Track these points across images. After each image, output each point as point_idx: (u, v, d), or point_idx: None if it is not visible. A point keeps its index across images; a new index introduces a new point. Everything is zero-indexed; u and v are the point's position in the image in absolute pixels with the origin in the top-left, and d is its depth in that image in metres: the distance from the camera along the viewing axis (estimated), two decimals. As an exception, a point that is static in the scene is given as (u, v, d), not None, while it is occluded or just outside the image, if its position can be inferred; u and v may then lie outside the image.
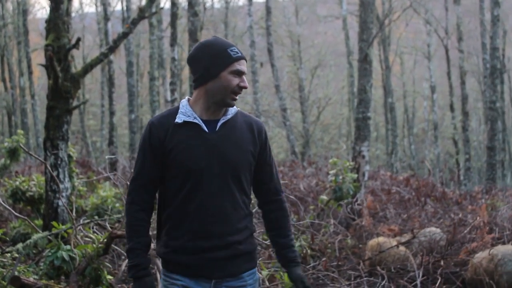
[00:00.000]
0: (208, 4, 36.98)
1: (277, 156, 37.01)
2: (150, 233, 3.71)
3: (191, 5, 14.49)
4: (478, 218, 10.13)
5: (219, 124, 3.60)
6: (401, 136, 43.81)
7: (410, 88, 45.54)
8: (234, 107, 3.70)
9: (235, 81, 3.55)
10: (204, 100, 3.59)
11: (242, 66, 3.58)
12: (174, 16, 16.33)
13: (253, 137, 3.71)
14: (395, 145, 33.34)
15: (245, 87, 3.59)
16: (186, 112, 3.58)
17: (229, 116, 3.64)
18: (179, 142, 3.52)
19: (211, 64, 3.54)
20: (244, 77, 3.60)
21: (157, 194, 3.73)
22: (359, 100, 11.54)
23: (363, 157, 11.23)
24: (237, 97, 3.60)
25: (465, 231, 9.36)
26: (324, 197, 10.89)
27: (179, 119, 3.56)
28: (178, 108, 3.65)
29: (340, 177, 10.50)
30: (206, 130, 3.56)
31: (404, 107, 43.15)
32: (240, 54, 3.58)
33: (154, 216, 3.77)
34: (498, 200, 13.64)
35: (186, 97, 3.71)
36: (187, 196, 3.54)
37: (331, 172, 10.79)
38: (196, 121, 3.55)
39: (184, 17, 27.60)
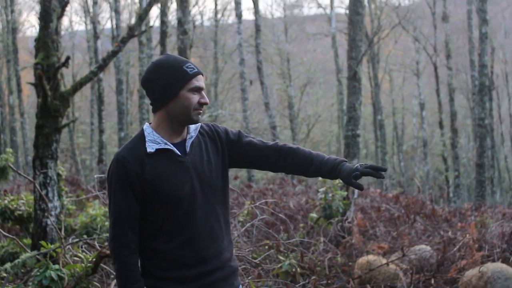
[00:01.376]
0: (197, 22, 37.06)
1: (267, 174, 36.98)
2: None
3: (180, 23, 14.53)
4: (467, 235, 10.14)
5: (187, 145, 3.52)
6: (391, 153, 43.89)
7: (399, 105, 45.71)
8: (195, 124, 3.60)
9: (195, 98, 3.44)
10: (168, 122, 3.48)
11: (200, 81, 3.47)
12: (163, 34, 16.37)
13: (216, 145, 3.65)
14: (384, 162, 33.40)
15: (206, 103, 3.48)
16: (154, 140, 3.45)
17: (193, 134, 3.56)
18: (159, 172, 3.40)
19: (169, 84, 3.43)
20: (203, 93, 3.49)
21: None
22: (349, 118, 11.55)
23: (353, 174, 11.22)
24: (200, 113, 3.50)
25: (455, 249, 9.36)
26: (313, 215, 10.89)
27: (150, 148, 3.42)
28: (141, 135, 3.51)
29: (330, 194, 10.49)
30: (179, 154, 3.47)
31: (393, 124, 43.28)
32: (196, 70, 3.47)
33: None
34: (488, 217, 13.65)
35: (146, 123, 3.57)
36: (177, 226, 3.44)
37: (321, 189, 10.78)
38: (168, 147, 3.45)
39: (174, 35, 27.63)
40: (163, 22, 16.40)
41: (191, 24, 27.21)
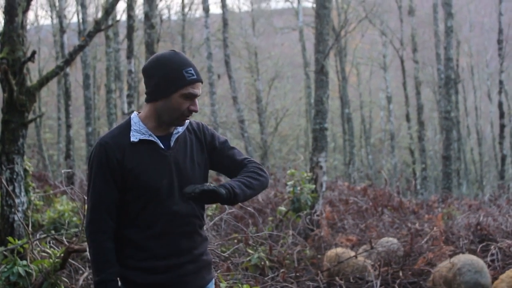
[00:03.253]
0: (165, 16, 36.87)
1: (236, 168, 36.93)
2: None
3: (147, 17, 14.46)
4: (434, 227, 10.23)
5: (172, 139, 3.53)
6: (359, 146, 44.06)
7: (367, 99, 45.90)
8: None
9: (185, 104, 3.43)
10: (155, 116, 3.49)
11: (196, 89, 3.45)
12: (130, 28, 16.28)
13: (200, 143, 3.67)
14: (352, 155, 33.52)
15: (195, 111, 3.47)
16: (140, 130, 3.46)
17: (180, 130, 3.58)
18: (139, 162, 3.41)
19: (163, 83, 3.42)
20: (196, 100, 3.46)
21: None
22: (316, 111, 11.58)
23: (321, 167, 11.27)
24: (187, 119, 3.52)
25: (422, 241, 9.44)
26: (282, 208, 10.91)
27: (134, 137, 3.44)
28: (127, 124, 3.51)
29: (298, 188, 10.52)
30: (163, 147, 3.48)
31: (361, 117, 43.44)
32: (195, 77, 3.44)
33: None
34: (454, 209, 13.80)
35: (135, 112, 3.58)
36: (152, 217, 3.44)
37: (289, 183, 10.80)
38: (152, 139, 3.46)
39: (141, 29, 27.46)
40: (130, 16, 16.28)
41: (158, 18, 27.05)
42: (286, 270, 8.35)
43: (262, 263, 7.97)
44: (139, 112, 3.58)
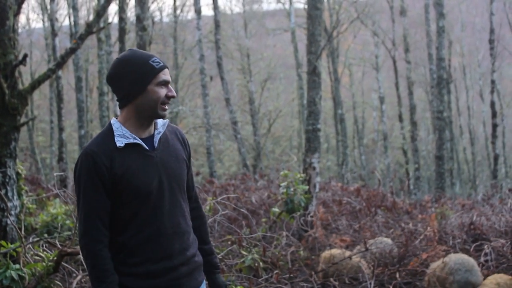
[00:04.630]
0: (156, 19, 36.86)
1: (229, 169, 36.99)
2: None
3: (139, 19, 14.43)
4: (428, 227, 10.25)
5: (155, 140, 3.53)
6: (352, 147, 44.13)
7: (359, 99, 45.99)
8: (163, 120, 3.63)
9: (163, 91, 3.43)
10: (135, 117, 3.47)
11: (167, 75, 3.47)
12: (122, 31, 16.24)
13: (182, 146, 3.69)
14: (345, 156, 33.56)
15: (174, 96, 3.49)
16: (123, 134, 3.43)
17: (161, 130, 3.57)
18: (128, 166, 3.38)
19: (136, 79, 3.41)
20: (170, 86, 3.50)
21: None
22: (309, 112, 11.58)
23: (314, 168, 11.26)
24: (167, 107, 3.50)
25: (416, 242, 9.45)
26: (276, 209, 10.90)
27: (119, 142, 3.40)
28: (109, 130, 3.48)
29: (292, 189, 10.51)
30: (148, 149, 3.47)
31: (353, 118, 43.50)
32: (162, 64, 3.46)
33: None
34: (448, 209, 13.82)
35: (113, 118, 3.55)
36: (144, 221, 3.43)
37: (282, 184, 10.79)
38: (137, 141, 3.44)
39: (133, 32, 27.45)
40: (122, 19, 16.24)
41: (150, 20, 27.05)
42: (280, 271, 8.34)
43: (256, 264, 7.96)
44: (117, 118, 3.55)
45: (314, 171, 11.25)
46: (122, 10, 16.46)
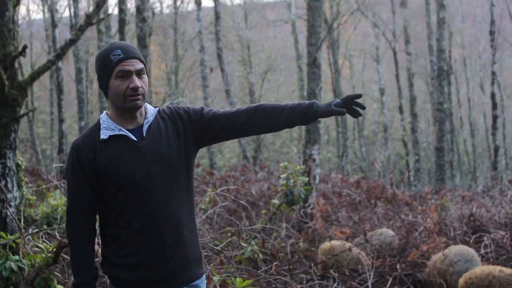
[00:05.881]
0: (157, 10, 36.80)
1: (229, 161, 36.98)
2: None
3: (139, 11, 14.40)
4: (428, 219, 10.25)
5: (144, 130, 3.49)
6: (352, 138, 44.12)
7: (360, 91, 45.91)
8: (153, 108, 3.60)
9: (124, 85, 3.36)
10: (116, 110, 3.47)
11: (127, 66, 3.37)
12: (122, 22, 16.20)
13: (177, 128, 3.59)
14: (346, 147, 33.52)
15: (136, 87, 3.38)
16: (109, 127, 3.44)
17: (151, 119, 3.53)
18: (111, 158, 3.38)
19: (100, 76, 3.44)
20: (134, 76, 3.39)
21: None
22: (309, 104, 11.55)
23: (314, 160, 11.26)
24: (137, 98, 3.40)
25: (416, 233, 9.46)
26: (275, 201, 10.90)
27: (104, 135, 3.41)
28: (97, 124, 3.50)
29: (291, 180, 10.52)
30: (135, 139, 3.44)
31: (354, 109, 43.36)
32: (122, 56, 3.38)
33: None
34: (448, 201, 13.83)
35: (105, 111, 3.56)
36: (133, 211, 3.40)
37: (282, 176, 10.81)
38: (122, 133, 3.42)
39: (133, 23, 27.43)
40: (122, 10, 16.20)
41: (150, 11, 26.99)
42: (279, 263, 8.34)
43: (255, 256, 7.97)
44: (107, 112, 3.57)
45: (314, 162, 11.26)
46: (122, 1, 16.43)
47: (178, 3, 37.76)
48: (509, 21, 42.02)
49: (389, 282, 7.69)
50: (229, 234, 9.18)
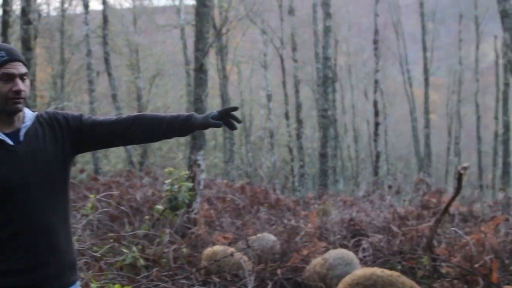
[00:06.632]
0: (43, 12, 36.03)
1: (115, 166, 36.52)
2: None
3: (24, 12, 14.12)
4: (309, 224, 10.45)
5: (21, 134, 3.42)
6: (239, 144, 44.35)
7: (247, 97, 46.29)
8: (32, 112, 3.54)
9: (6, 87, 3.32)
10: None
11: (11, 69, 3.33)
12: (5, 23, 15.79)
13: (55, 134, 3.54)
14: (232, 153, 33.69)
15: (19, 90, 3.34)
16: None
17: (29, 123, 3.47)
18: None
19: None
20: (17, 80, 3.35)
21: None
22: (195, 109, 11.59)
23: (199, 165, 11.30)
24: (18, 101, 3.36)
25: (298, 238, 9.63)
26: (159, 206, 10.87)
27: None
28: None
29: (176, 186, 10.53)
30: (11, 143, 3.36)
31: (241, 115, 43.70)
32: (6, 58, 3.33)
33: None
34: (330, 205, 14.11)
35: None
36: (8, 216, 3.30)
37: (167, 181, 10.80)
38: None
39: (17, 25, 26.78)
40: (6, 12, 15.79)
41: (36, 13, 26.46)
42: (161, 268, 8.34)
43: (137, 262, 7.94)
44: None
45: (199, 168, 11.30)
46: (6, 2, 16.04)
47: (66, 5, 37.10)
48: (392, 30, 43.32)
49: (269, 286, 7.80)
50: (110, 240, 9.11)
